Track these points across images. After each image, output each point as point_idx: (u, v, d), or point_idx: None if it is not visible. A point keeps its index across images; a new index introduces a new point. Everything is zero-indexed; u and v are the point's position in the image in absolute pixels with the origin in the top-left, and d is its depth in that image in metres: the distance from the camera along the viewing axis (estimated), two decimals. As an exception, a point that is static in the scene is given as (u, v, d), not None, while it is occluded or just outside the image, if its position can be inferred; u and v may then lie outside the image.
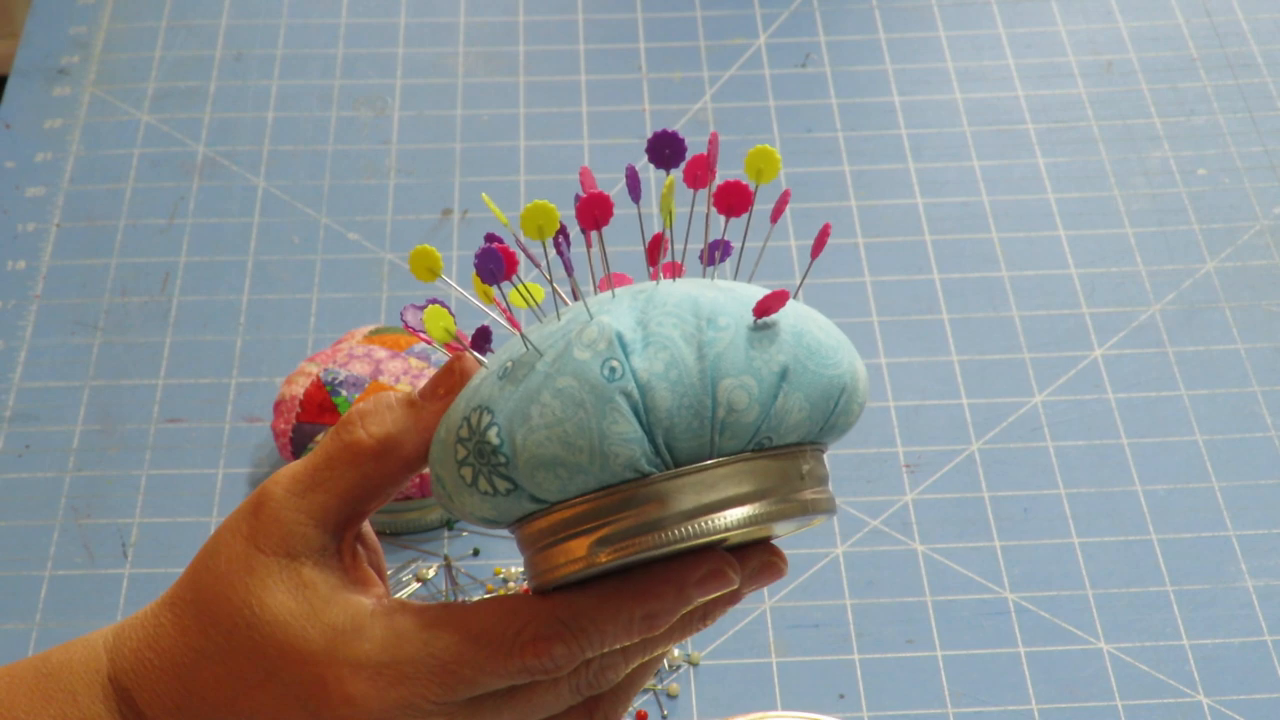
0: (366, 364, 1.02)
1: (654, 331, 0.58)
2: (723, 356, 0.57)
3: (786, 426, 0.59)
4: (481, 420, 0.59)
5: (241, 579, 0.62)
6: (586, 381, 0.57)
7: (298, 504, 0.62)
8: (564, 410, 0.57)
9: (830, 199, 1.22)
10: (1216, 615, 0.98)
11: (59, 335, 1.13)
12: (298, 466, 0.63)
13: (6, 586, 1.00)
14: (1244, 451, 1.06)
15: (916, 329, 1.14)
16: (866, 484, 1.04)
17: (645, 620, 0.60)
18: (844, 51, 1.34)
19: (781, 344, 0.58)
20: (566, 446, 0.57)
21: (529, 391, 0.58)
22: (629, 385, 0.57)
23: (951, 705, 0.94)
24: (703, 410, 0.57)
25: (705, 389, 0.57)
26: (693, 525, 0.57)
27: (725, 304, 0.59)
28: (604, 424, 0.57)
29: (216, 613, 0.62)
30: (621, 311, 0.59)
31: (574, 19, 1.37)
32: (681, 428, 0.57)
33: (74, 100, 1.29)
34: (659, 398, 0.57)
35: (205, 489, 1.04)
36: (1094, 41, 1.34)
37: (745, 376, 0.57)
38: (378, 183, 1.24)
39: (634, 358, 0.57)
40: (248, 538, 0.62)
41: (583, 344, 0.58)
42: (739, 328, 0.58)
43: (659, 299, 0.59)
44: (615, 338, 0.57)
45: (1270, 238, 1.19)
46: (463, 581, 0.99)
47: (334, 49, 1.34)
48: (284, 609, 0.61)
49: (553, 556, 0.60)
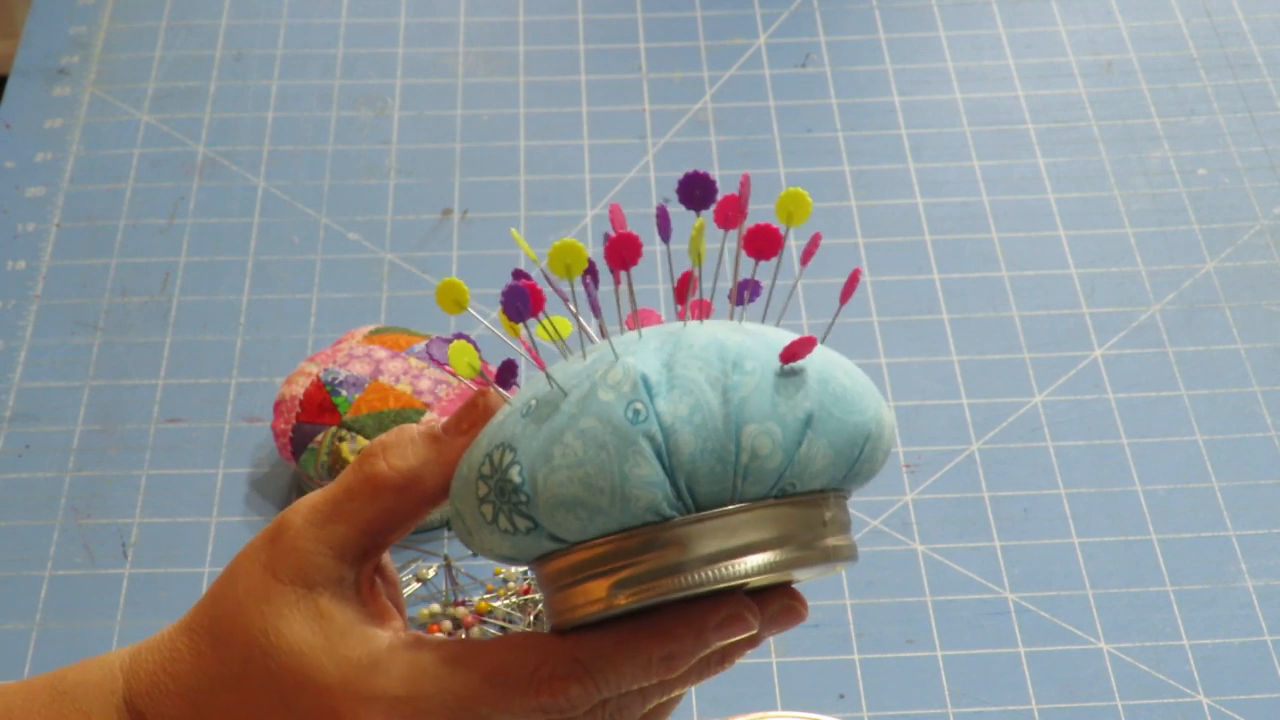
0: (366, 364, 1.02)
1: (679, 375, 0.57)
2: (747, 401, 0.57)
3: (810, 473, 0.58)
4: (504, 458, 0.59)
5: (258, 607, 0.62)
6: (610, 423, 0.57)
7: (316, 534, 0.62)
8: (586, 451, 0.57)
9: (830, 199, 1.22)
10: (1216, 615, 0.98)
11: (59, 335, 1.13)
12: (317, 496, 0.63)
13: (6, 586, 1.00)
14: (1244, 451, 1.06)
15: (916, 329, 1.14)
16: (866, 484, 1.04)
17: (663, 662, 0.60)
18: (844, 51, 1.34)
19: (807, 390, 0.58)
20: (588, 488, 0.57)
21: (553, 431, 0.58)
22: (652, 428, 0.57)
23: (951, 705, 0.94)
24: (726, 455, 0.57)
25: (729, 434, 0.57)
26: (713, 570, 0.57)
27: (752, 348, 0.59)
28: (626, 466, 0.56)
29: (233, 640, 0.62)
30: (647, 353, 0.58)
31: (574, 19, 1.37)
32: (704, 472, 0.57)
33: (74, 100, 1.29)
34: (682, 442, 0.57)
35: (205, 489, 1.04)
36: (1094, 41, 1.34)
37: (770, 423, 0.57)
38: (378, 183, 1.24)
39: (658, 400, 0.57)
40: (266, 566, 0.62)
41: (607, 385, 0.58)
42: (765, 373, 0.58)
43: (685, 341, 0.59)
44: (640, 380, 0.57)
45: (1270, 238, 1.19)
46: (462, 581, 0.99)
47: (334, 49, 1.34)
48: (300, 639, 0.61)
49: (572, 597, 0.59)
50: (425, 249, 1.19)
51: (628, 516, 0.57)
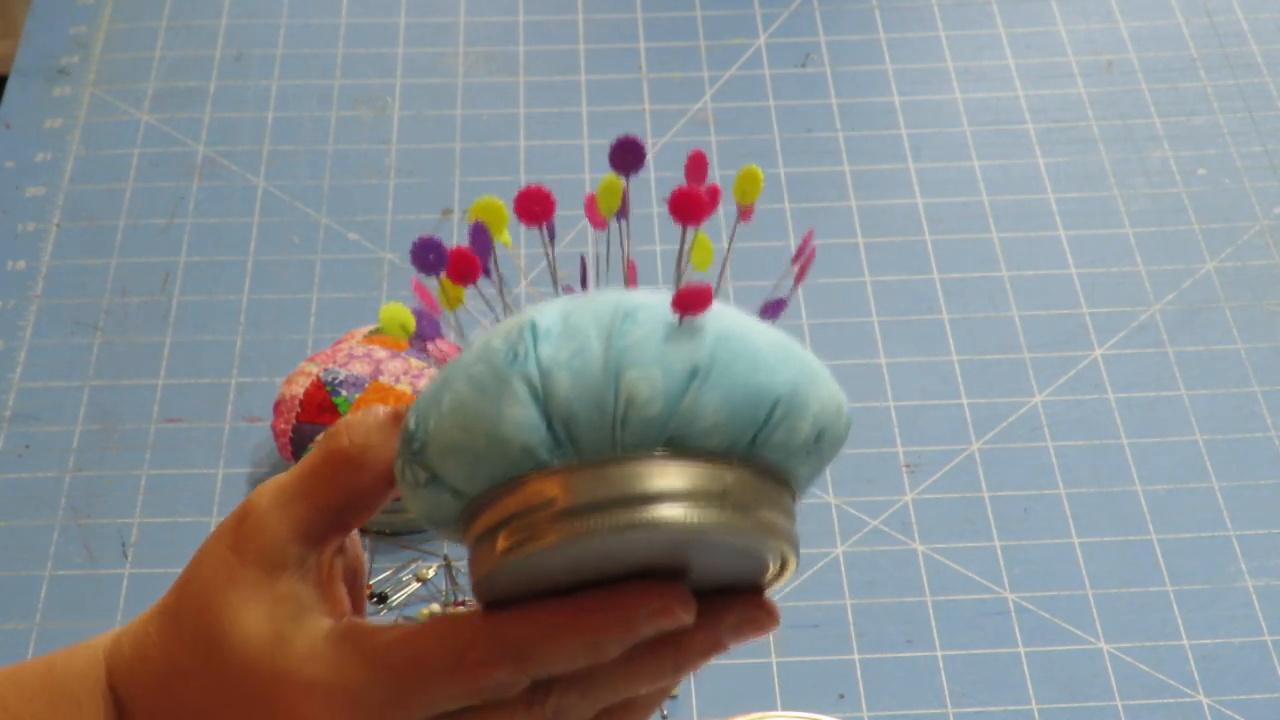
0: (366, 364, 1.02)
1: (572, 324, 0.56)
2: (630, 349, 0.56)
3: (700, 428, 0.56)
4: (407, 414, 0.59)
5: (222, 589, 0.61)
6: (491, 366, 0.56)
7: (280, 515, 0.62)
8: (469, 395, 0.56)
9: (830, 199, 1.22)
10: (1216, 615, 0.98)
11: (59, 335, 1.13)
12: (283, 477, 0.63)
13: (6, 586, 1.00)
14: (1244, 451, 1.06)
15: (916, 329, 1.14)
16: (866, 484, 1.04)
17: (590, 647, 0.58)
18: (844, 51, 1.34)
19: (700, 342, 0.56)
20: (467, 431, 0.56)
21: (446, 379, 0.57)
22: (529, 369, 0.55)
23: (951, 705, 0.94)
24: (603, 401, 0.55)
25: (608, 379, 0.55)
26: (597, 519, 0.55)
27: (652, 304, 0.57)
28: (501, 407, 0.55)
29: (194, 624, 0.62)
30: (551, 307, 0.58)
31: (574, 19, 1.37)
32: (582, 418, 0.55)
33: (74, 100, 1.29)
34: (558, 384, 0.55)
35: (205, 489, 1.04)
36: (1094, 41, 1.34)
37: (652, 369, 0.55)
38: (378, 183, 1.24)
39: (542, 345, 0.56)
40: (231, 547, 0.62)
41: (501, 333, 0.57)
42: (656, 323, 0.56)
43: (594, 298, 0.58)
44: (529, 326, 0.56)
45: (1270, 238, 1.19)
46: (462, 581, 0.99)
47: (334, 49, 1.34)
48: (251, 624, 0.61)
49: (475, 558, 0.58)
50: (425, 249, 1.18)
51: (506, 461, 0.56)
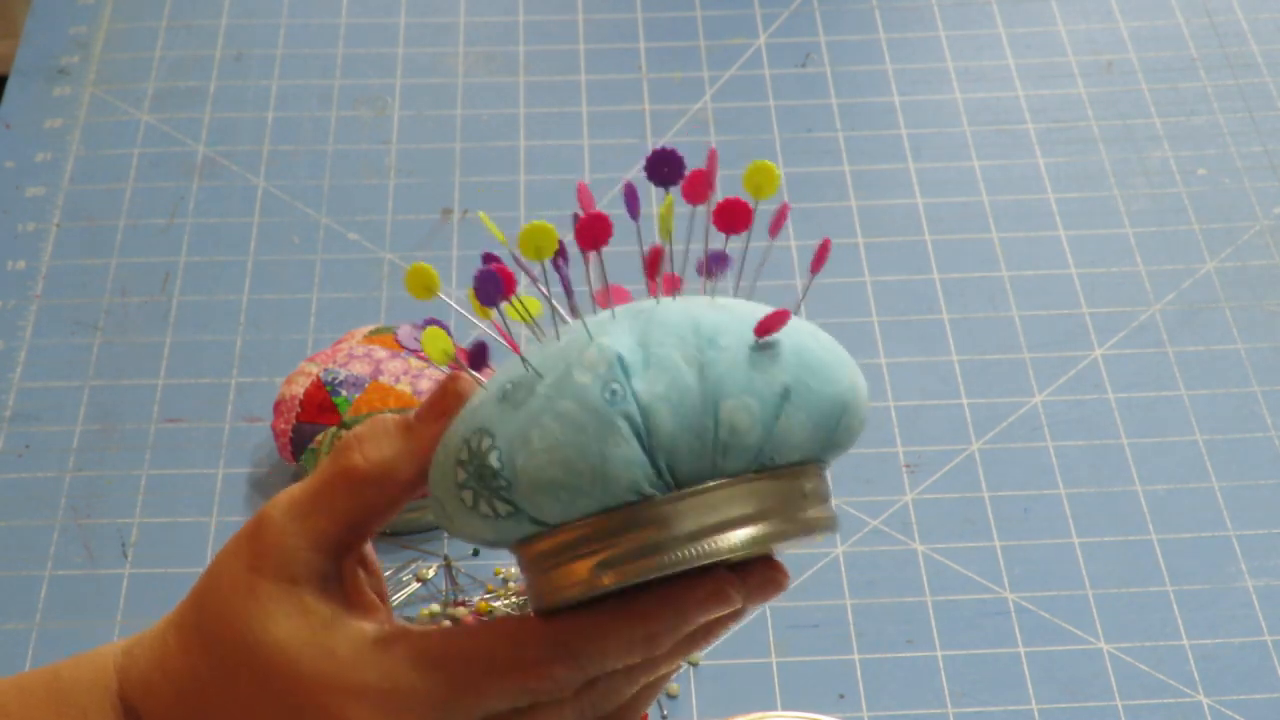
0: (366, 364, 1.02)
1: (655, 353, 0.57)
2: (724, 377, 0.57)
3: (789, 446, 0.58)
4: (482, 443, 0.59)
5: (243, 604, 0.62)
6: (587, 405, 0.57)
7: (297, 529, 0.62)
8: (565, 434, 0.57)
9: (830, 199, 1.22)
10: (1216, 615, 0.98)
11: (59, 335, 1.13)
12: (296, 490, 0.63)
13: (6, 586, 0.99)
14: (1244, 451, 1.06)
15: (916, 329, 1.14)
16: (866, 484, 1.04)
17: (646, 641, 0.60)
18: (844, 51, 1.34)
19: (784, 363, 0.58)
20: (568, 470, 0.57)
21: (530, 415, 0.58)
22: (630, 408, 0.57)
23: (951, 705, 0.94)
24: (704, 432, 0.57)
25: (707, 410, 0.57)
26: (695, 548, 0.57)
27: (726, 323, 0.59)
28: (605, 447, 0.56)
29: (220, 637, 0.62)
30: (621, 332, 0.58)
31: (574, 19, 1.37)
32: (683, 450, 0.57)
33: (74, 100, 1.29)
34: (660, 420, 0.57)
35: (205, 489, 1.04)
36: (1094, 41, 1.34)
37: (746, 397, 0.57)
38: (378, 183, 1.24)
39: (635, 380, 0.57)
40: (248, 562, 0.62)
41: (583, 367, 0.57)
42: (740, 347, 0.58)
43: (659, 319, 0.59)
44: (616, 360, 0.57)
45: (1270, 238, 1.19)
46: (462, 581, 0.99)
47: (334, 49, 1.34)
48: (286, 635, 0.61)
49: (554, 579, 0.59)
50: (425, 249, 1.19)
51: (608, 497, 0.57)
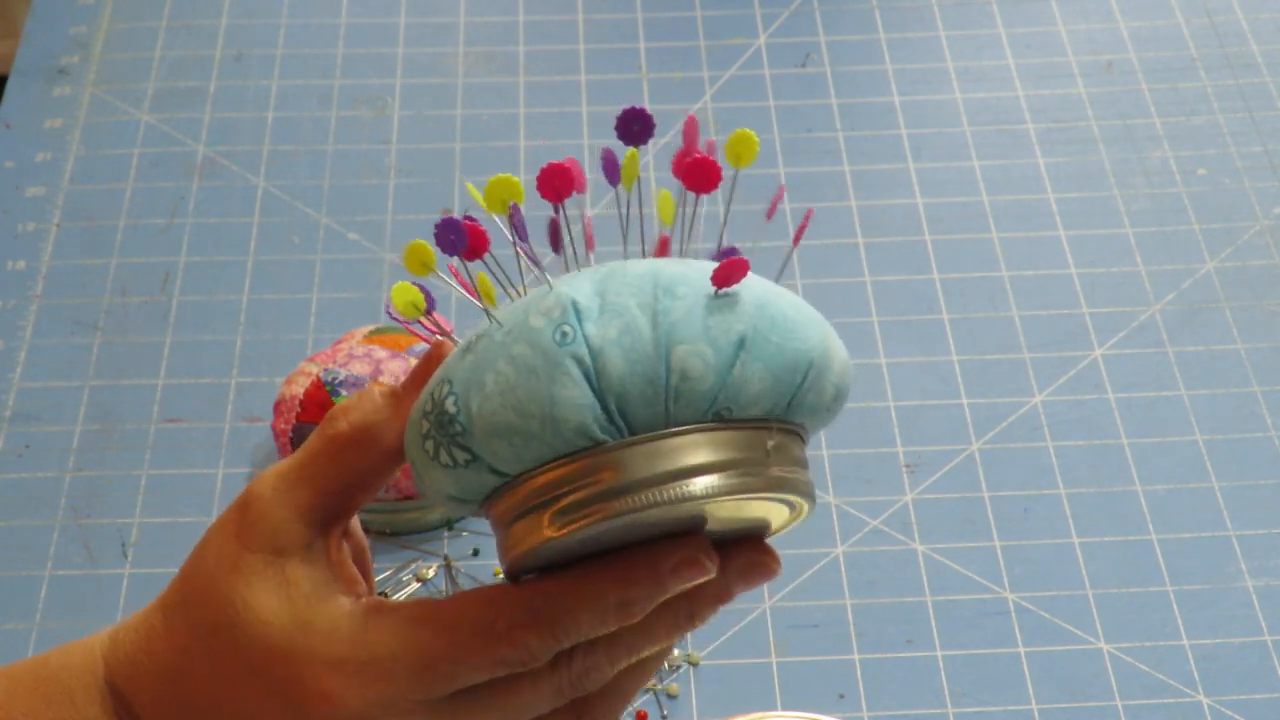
0: (366, 364, 1.02)
1: (611, 301, 0.57)
2: (678, 324, 0.57)
3: (746, 397, 0.58)
4: (441, 391, 0.59)
5: (227, 577, 0.62)
6: (538, 347, 0.57)
7: (284, 500, 0.62)
8: (517, 377, 0.57)
9: (830, 199, 1.22)
10: (1216, 615, 0.98)
11: (59, 335, 1.13)
12: (284, 463, 0.63)
13: (6, 586, 1.00)
14: (1244, 451, 1.06)
15: (916, 329, 1.14)
16: (866, 484, 1.04)
17: (620, 608, 0.60)
18: (844, 51, 1.34)
19: (741, 313, 0.58)
20: (519, 413, 0.57)
21: (486, 359, 0.58)
22: (580, 350, 0.56)
23: (951, 705, 0.94)
24: (656, 377, 0.56)
25: (659, 356, 0.57)
26: (650, 494, 0.56)
27: (687, 275, 0.58)
28: (554, 389, 0.56)
29: (203, 612, 0.62)
30: (581, 282, 0.59)
31: (574, 19, 1.37)
32: (635, 394, 0.56)
33: (74, 100, 1.29)
34: (610, 363, 0.56)
35: (205, 489, 1.04)
36: (1094, 41, 1.34)
37: (700, 344, 0.57)
38: (378, 183, 1.24)
39: (587, 324, 0.57)
40: (235, 535, 0.62)
41: (538, 312, 0.58)
42: (697, 296, 0.58)
43: (620, 272, 0.59)
44: (570, 305, 0.57)
45: (1270, 238, 1.19)
46: (462, 581, 0.99)
47: (334, 49, 1.34)
48: (266, 608, 0.61)
49: (515, 533, 0.59)
50: (425, 249, 1.18)
51: (559, 441, 0.57)
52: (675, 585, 0.60)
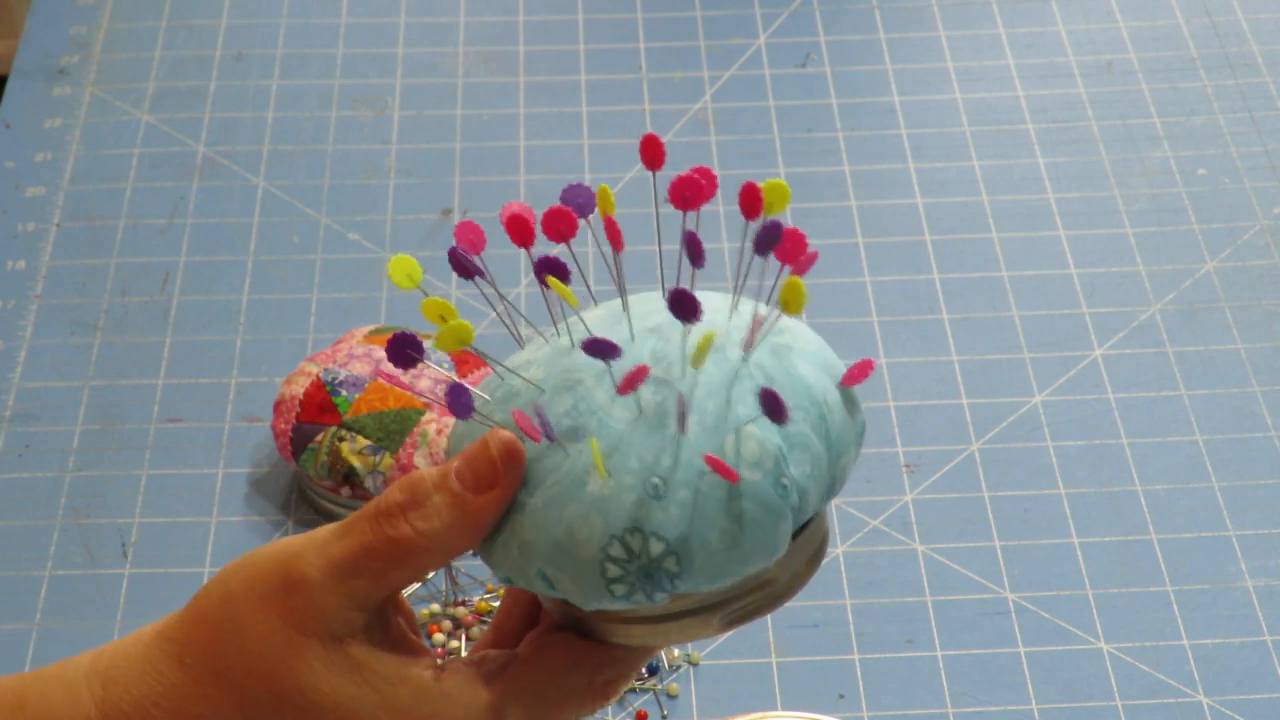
0: (366, 364, 1.02)
1: (792, 433, 0.60)
2: (838, 438, 0.61)
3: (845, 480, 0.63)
4: (649, 546, 0.59)
5: (286, 662, 0.60)
6: (765, 505, 0.59)
7: (338, 589, 0.60)
8: (743, 534, 0.59)
9: (830, 199, 1.22)
10: (1216, 615, 0.98)
11: (59, 335, 1.13)
12: (334, 550, 0.60)
13: (6, 586, 1.00)
14: (1244, 451, 1.06)
15: (916, 329, 1.14)
16: (866, 484, 1.04)
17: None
18: (844, 51, 1.34)
19: (858, 407, 0.63)
20: (744, 562, 0.59)
21: (705, 515, 0.59)
22: (794, 499, 0.60)
23: (951, 705, 0.94)
24: (829, 490, 0.61)
25: (832, 473, 0.61)
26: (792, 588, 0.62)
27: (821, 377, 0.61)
28: (778, 537, 0.59)
29: (253, 690, 0.60)
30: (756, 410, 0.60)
31: (574, 19, 1.37)
32: (811, 510, 0.61)
33: (74, 100, 1.29)
34: (810, 496, 0.60)
35: (205, 489, 1.04)
36: (1094, 41, 1.34)
37: (852, 450, 0.62)
38: (378, 183, 1.24)
39: (791, 468, 0.59)
40: (284, 617, 0.60)
41: (749, 465, 0.59)
42: (838, 402, 0.61)
43: (779, 383, 0.61)
44: (779, 454, 0.59)
45: (1270, 238, 1.19)
46: (463, 581, 0.99)
47: (334, 49, 1.34)
48: (343, 693, 0.59)
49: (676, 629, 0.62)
50: (425, 249, 1.19)
51: (762, 567, 0.60)
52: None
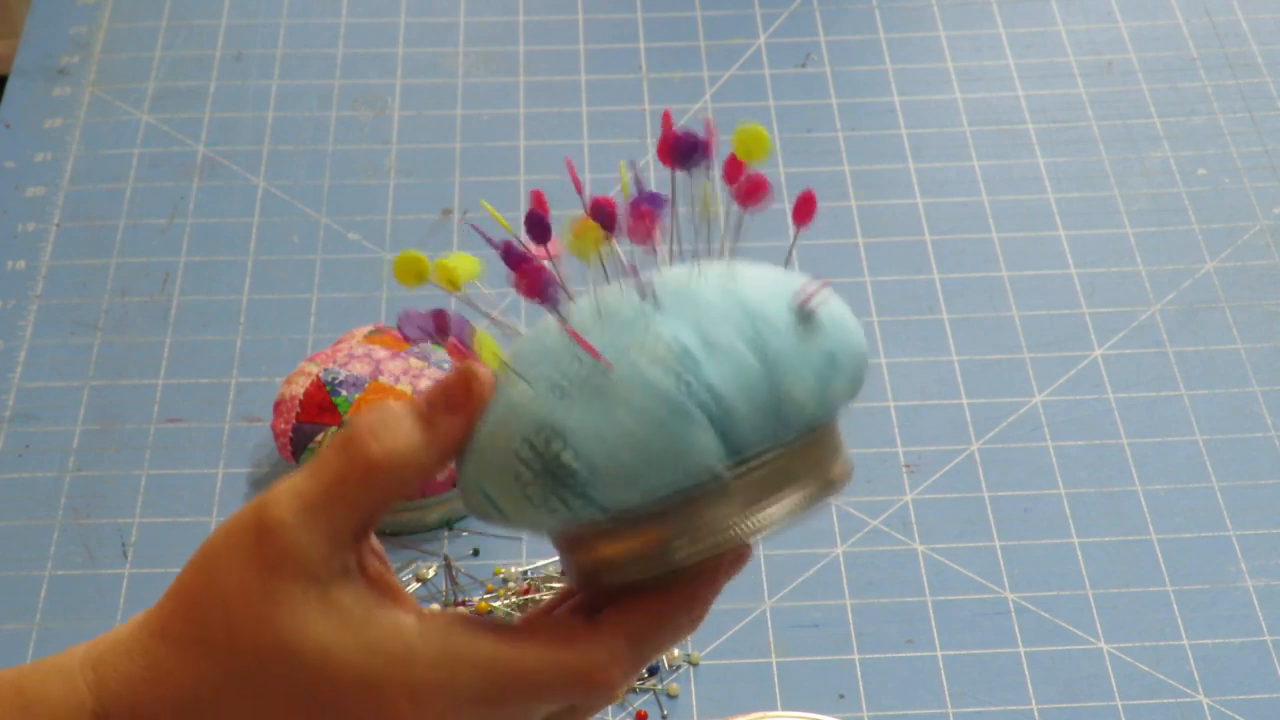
0: (366, 364, 1.02)
1: (714, 340, 0.59)
2: (781, 355, 0.59)
3: (832, 409, 0.61)
4: (551, 444, 0.58)
5: (262, 609, 0.59)
6: (665, 399, 0.58)
7: (312, 526, 0.59)
8: (645, 429, 0.58)
9: (830, 199, 1.22)
10: (1216, 615, 0.98)
11: (59, 335, 1.13)
12: (302, 485, 0.60)
13: (6, 586, 0.99)
14: (1244, 451, 1.06)
15: (916, 329, 1.14)
16: (866, 484, 1.04)
17: (692, 624, 0.62)
18: (844, 51, 1.34)
19: (825, 331, 0.61)
20: (650, 464, 0.58)
21: (604, 411, 0.58)
22: (705, 397, 0.58)
23: (951, 705, 0.94)
24: (770, 410, 0.59)
25: (772, 390, 0.59)
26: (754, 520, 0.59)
27: (769, 299, 0.60)
28: (689, 439, 0.58)
29: (233, 645, 0.60)
30: (675, 320, 0.59)
31: (574, 19, 1.37)
32: (753, 430, 0.59)
33: (74, 100, 1.29)
34: (734, 404, 0.58)
35: (205, 489, 1.04)
36: (1094, 41, 1.34)
37: (803, 370, 0.59)
38: (378, 183, 1.24)
39: (704, 369, 0.58)
40: (260, 566, 0.59)
41: (650, 361, 0.58)
42: (789, 323, 0.60)
43: (704, 302, 0.60)
44: (684, 352, 0.58)
45: (1270, 238, 1.19)
46: (463, 581, 0.99)
47: (334, 49, 1.34)
48: (324, 636, 0.59)
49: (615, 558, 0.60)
50: (425, 249, 1.18)
51: (685, 480, 0.58)
52: (728, 579, 0.62)
